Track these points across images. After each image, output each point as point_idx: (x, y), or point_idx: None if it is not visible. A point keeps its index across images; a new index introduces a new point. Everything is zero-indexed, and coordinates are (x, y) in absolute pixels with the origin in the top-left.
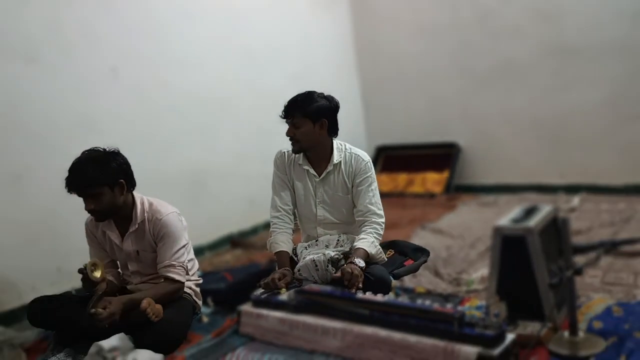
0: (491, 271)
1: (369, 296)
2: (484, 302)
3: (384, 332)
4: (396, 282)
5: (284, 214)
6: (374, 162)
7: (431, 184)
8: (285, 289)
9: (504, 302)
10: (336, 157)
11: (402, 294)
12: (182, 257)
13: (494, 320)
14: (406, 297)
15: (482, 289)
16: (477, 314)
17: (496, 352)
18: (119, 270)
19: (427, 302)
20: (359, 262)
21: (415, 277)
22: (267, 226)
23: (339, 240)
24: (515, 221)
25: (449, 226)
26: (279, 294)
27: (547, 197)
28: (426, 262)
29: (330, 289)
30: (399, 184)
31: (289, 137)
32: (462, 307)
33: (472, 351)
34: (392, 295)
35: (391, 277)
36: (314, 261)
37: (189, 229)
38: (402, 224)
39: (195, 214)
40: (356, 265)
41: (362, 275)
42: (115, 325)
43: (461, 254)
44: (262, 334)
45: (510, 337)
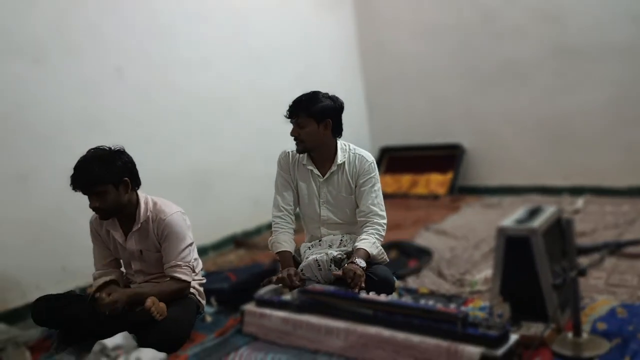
0: (495, 272)
1: (373, 296)
2: (488, 303)
3: (387, 332)
4: (399, 283)
5: (286, 214)
6: (378, 163)
7: (435, 185)
8: (302, 286)
9: (507, 302)
10: (340, 157)
11: (405, 294)
12: (187, 257)
13: (498, 320)
14: (409, 297)
15: (485, 290)
16: (481, 314)
17: (499, 352)
18: (122, 269)
19: (431, 302)
20: (360, 262)
21: (418, 277)
22: (270, 226)
23: (342, 240)
24: (519, 222)
25: (452, 227)
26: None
27: (551, 199)
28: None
29: (333, 288)
30: (403, 185)
31: (294, 137)
32: (465, 308)
33: (475, 351)
34: (395, 295)
35: (394, 278)
36: (316, 261)
37: (193, 228)
38: (406, 225)
39: (199, 214)
40: (357, 265)
41: (364, 275)
42: (118, 319)
43: (465, 255)
44: (266, 333)
45: (513, 338)
